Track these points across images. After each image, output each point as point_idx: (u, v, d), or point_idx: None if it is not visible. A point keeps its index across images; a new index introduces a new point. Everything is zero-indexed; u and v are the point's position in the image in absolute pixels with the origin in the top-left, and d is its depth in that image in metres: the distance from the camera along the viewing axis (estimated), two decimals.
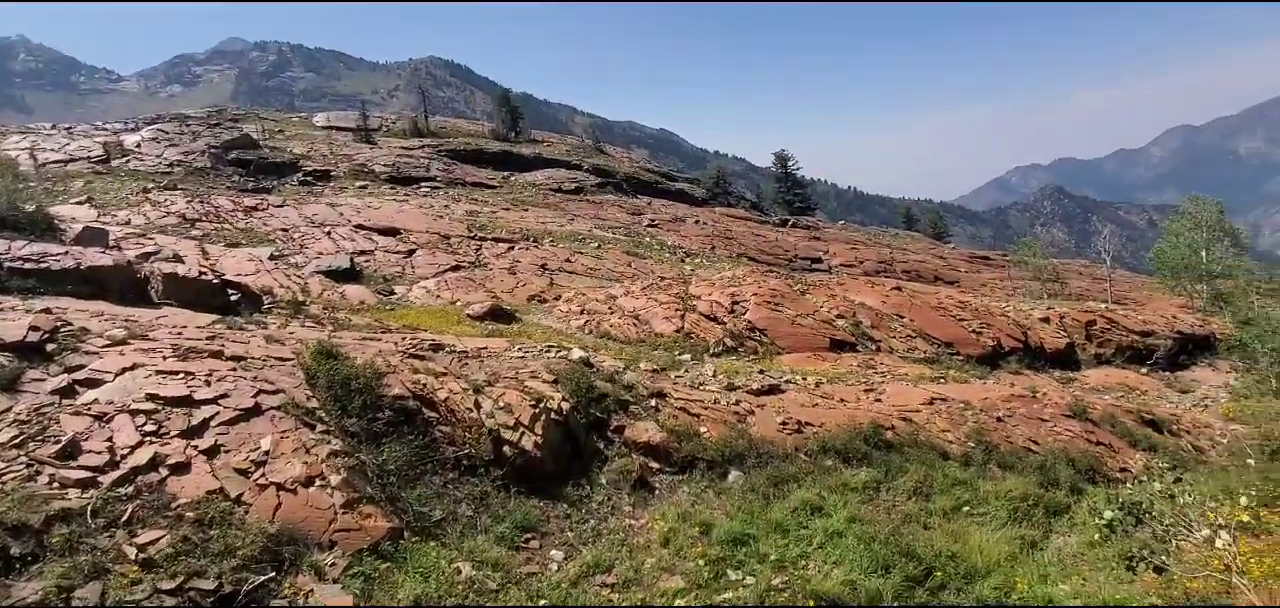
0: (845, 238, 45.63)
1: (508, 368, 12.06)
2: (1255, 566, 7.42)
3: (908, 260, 39.56)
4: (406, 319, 17.87)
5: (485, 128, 65.28)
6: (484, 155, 52.48)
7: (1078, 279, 41.13)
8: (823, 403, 12.82)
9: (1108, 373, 22.62)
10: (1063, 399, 15.84)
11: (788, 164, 61.24)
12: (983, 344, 20.44)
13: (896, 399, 13.71)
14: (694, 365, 15.02)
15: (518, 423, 9.89)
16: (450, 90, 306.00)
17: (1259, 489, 10.83)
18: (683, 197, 54.22)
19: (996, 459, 11.83)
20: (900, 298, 22.49)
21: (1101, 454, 13.44)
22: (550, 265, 27.28)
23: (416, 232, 29.54)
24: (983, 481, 10.95)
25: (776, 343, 18.29)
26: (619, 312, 19.98)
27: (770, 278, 23.30)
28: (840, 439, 11.25)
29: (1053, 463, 11.77)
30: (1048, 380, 19.48)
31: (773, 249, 37.33)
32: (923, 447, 11.80)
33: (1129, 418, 16.39)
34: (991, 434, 12.57)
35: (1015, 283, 37.41)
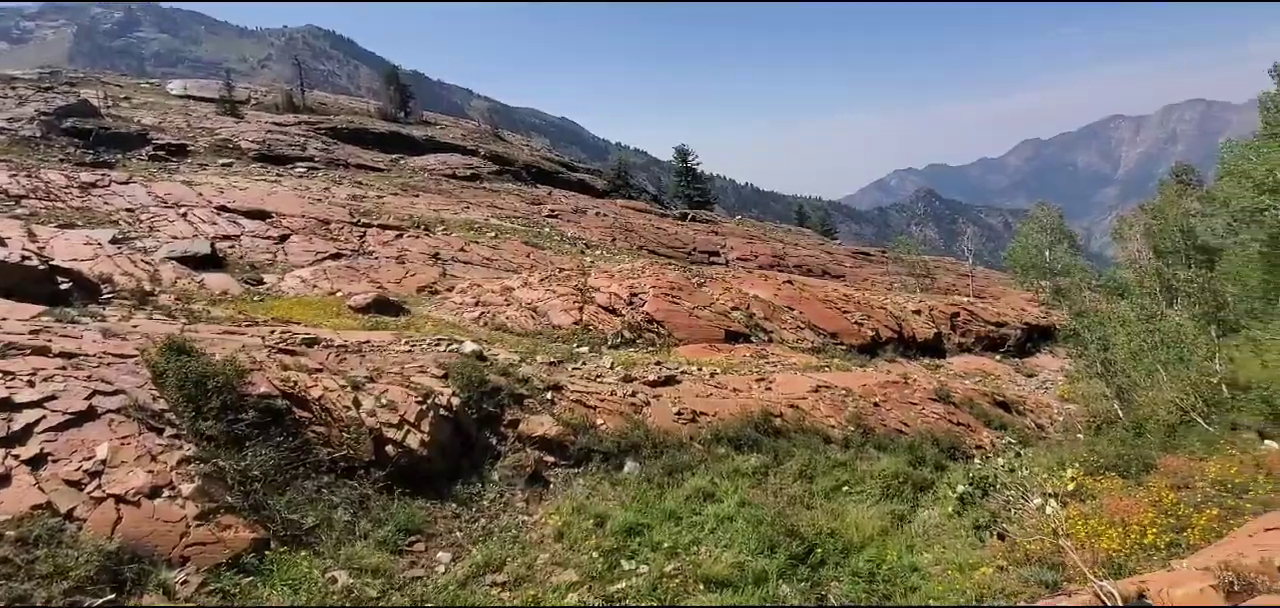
0: (742, 232, 47.58)
1: (393, 363, 11.48)
2: (1080, 527, 8.63)
3: (799, 255, 41.93)
4: (277, 311, 16.48)
5: (371, 106, 61.40)
6: (369, 136, 49.35)
7: (946, 275, 45.53)
8: (717, 393, 13.33)
9: (968, 360, 25.26)
10: (930, 385, 17.50)
11: (688, 159, 62.77)
12: (863, 335, 22.12)
13: (785, 388, 14.52)
14: (592, 358, 15.07)
15: (402, 421, 9.46)
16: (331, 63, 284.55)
17: (1085, 461, 12.57)
18: (584, 188, 54.03)
19: (873, 441, 12.88)
20: (791, 291, 23.82)
21: (961, 433, 15.02)
22: (443, 255, 26.22)
23: (290, 215, 27.27)
24: (861, 461, 11.89)
25: (674, 335, 18.76)
26: (516, 304, 19.60)
27: (669, 271, 23.83)
28: (733, 427, 11.76)
29: (920, 443, 13.00)
30: (918, 368, 21.44)
31: (672, 242, 38.18)
32: (808, 432, 12.61)
33: (985, 400, 18.42)
34: (869, 418, 13.66)
35: (893, 278, 40.77)
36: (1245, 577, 3.47)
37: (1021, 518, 7.48)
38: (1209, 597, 3.44)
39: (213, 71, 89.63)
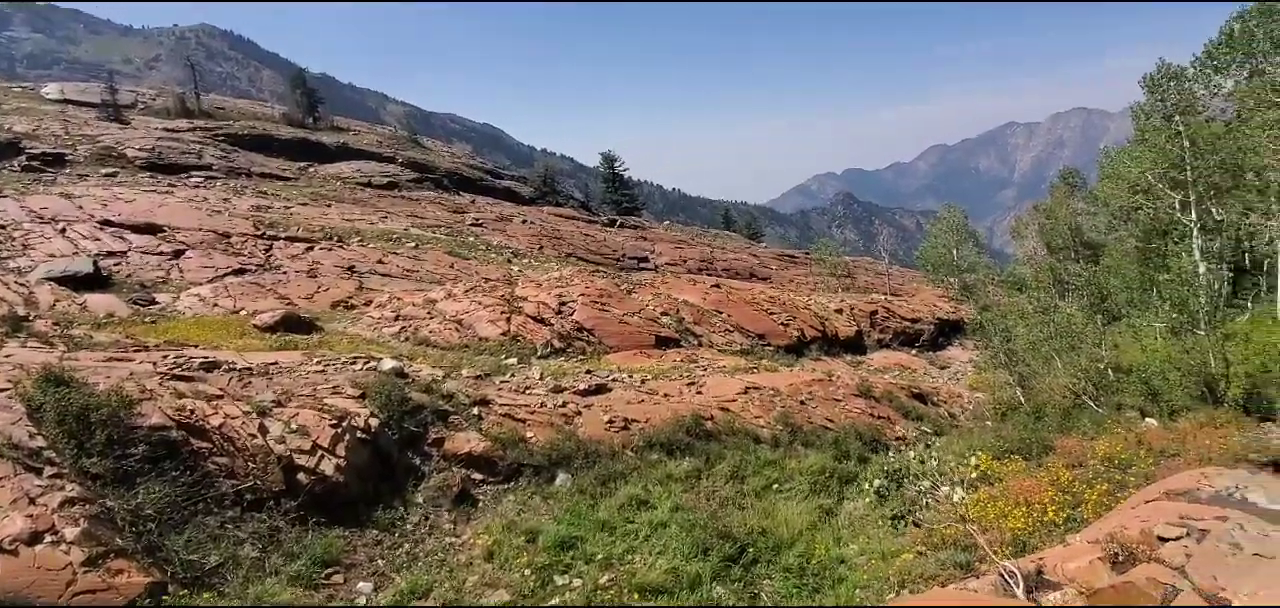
0: (670, 237, 48.22)
1: (304, 384, 10.85)
2: (989, 509, 9.23)
3: (726, 259, 42.94)
4: (173, 333, 15.23)
5: (276, 111, 58.04)
6: (275, 143, 46.64)
7: (865, 274, 47.88)
8: (648, 399, 13.40)
9: (888, 355, 26.62)
10: (853, 381, 18.30)
11: (615, 165, 63.04)
12: (790, 335, 22.88)
13: (716, 391, 14.79)
14: (521, 369, 14.80)
15: (315, 446, 8.94)
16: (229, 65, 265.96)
17: (992, 446, 13.48)
18: (510, 195, 53.19)
19: (801, 438, 13.32)
20: (719, 295, 24.33)
21: (882, 426, 15.77)
22: (359, 267, 25.08)
23: (186, 229, 25.33)
24: (789, 459, 12.27)
25: (604, 342, 18.73)
26: (439, 316, 19.00)
27: (598, 278, 23.81)
28: (665, 433, 11.85)
29: (845, 438, 13.55)
30: (842, 365, 22.39)
31: (601, 249, 38.19)
32: (739, 433, 12.88)
33: (903, 393, 19.43)
34: (796, 416, 14.11)
35: (816, 279, 42.47)
36: (1128, 548, 3.81)
37: (934, 506, 7.91)
38: (1097, 569, 3.76)
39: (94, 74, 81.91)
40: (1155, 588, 3.43)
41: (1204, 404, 14.30)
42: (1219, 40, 19.71)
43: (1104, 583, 3.63)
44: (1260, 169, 16.53)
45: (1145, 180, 21.20)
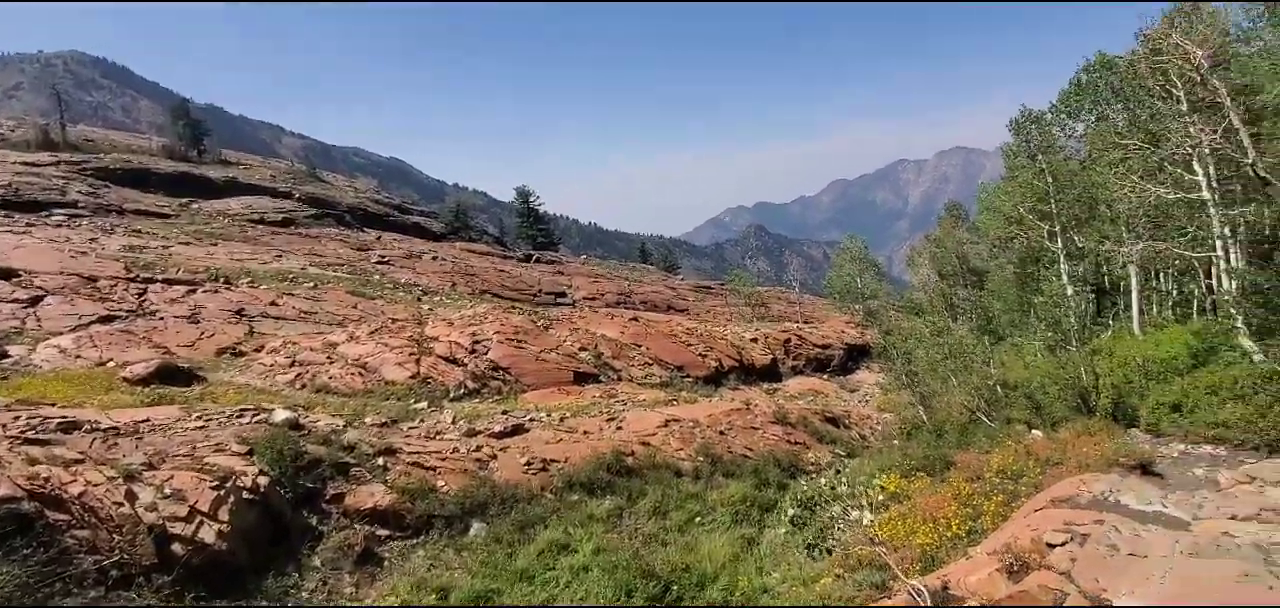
0: (588, 272, 48.22)
1: (181, 443, 9.81)
2: (900, 527, 9.63)
3: (644, 292, 43.40)
4: (27, 391, 13.38)
5: (155, 144, 53.61)
6: (153, 177, 42.95)
7: (778, 304, 49.81)
8: (567, 438, 13.14)
9: (802, 381, 27.62)
10: (770, 409, 18.79)
11: (530, 199, 62.64)
12: (708, 365, 23.27)
13: (636, 425, 14.73)
14: (431, 413, 14.12)
15: (194, 512, 8.06)
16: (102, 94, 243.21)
17: (900, 465, 14.16)
18: (419, 231, 51.48)
19: (721, 469, 13.46)
20: (637, 328, 24.45)
21: (799, 451, 16.25)
22: (249, 311, 23.26)
23: (45, 273, 22.63)
24: (711, 491, 12.34)
25: (521, 380, 18.27)
26: (341, 361, 17.88)
27: (514, 314, 23.31)
28: (585, 472, 11.62)
29: (764, 466, 13.82)
30: (759, 393, 22.97)
31: (517, 285, 37.57)
32: (660, 468, 12.84)
33: (817, 418, 20.15)
34: (717, 447, 14.28)
35: (732, 309, 43.72)
36: (1021, 557, 4.05)
37: (846, 529, 8.17)
38: (996, 580, 3.97)
39: None
40: (1047, 595, 3.65)
41: (1080, 415, 15.73)
42: (1070, 89, 22.36)
43: (1002, 593, 3.83)
44: (1110, 202, 18.68)
45: (1017, 212, 23.46)
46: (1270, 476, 7.78)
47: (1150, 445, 11.34)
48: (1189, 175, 14.63)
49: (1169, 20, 15.62)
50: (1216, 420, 11.65)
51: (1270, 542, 5.23)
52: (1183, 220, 16.23)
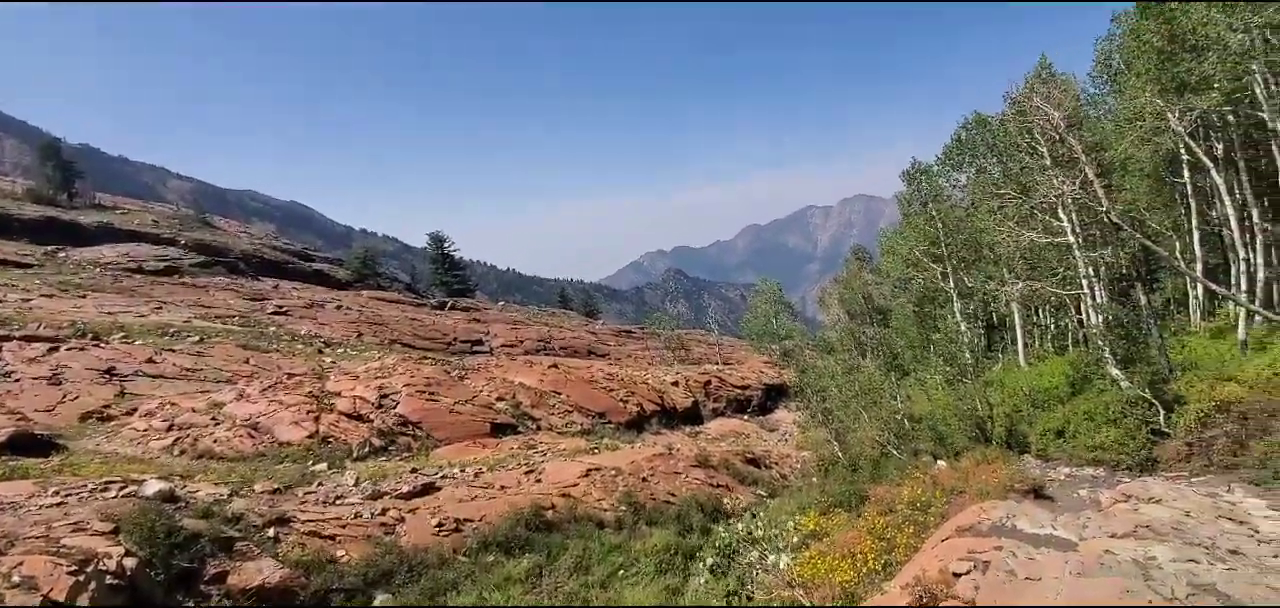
0: (506, 318, 47.23)
1: (33, 523, 8.60)
2: (820, 566, 9.79)
3: (564, 338, 42.94)
4: None
5: (18, 187, 48.26)
6: (14, 223, 38.64)
7: (698, 346, 50.63)
8: (483, 494, 12.57)
9: (723, 423, 28.02)
10: (692, 452, 18.88)
11: (444, 245, 60.94)
12: (629, 411, 23.17)
13: (556, 477, 14.34)
14: (332, 476, 13.14)
15: (47, 602, 7.03)
16: None
17: (818, 502, 14.52)
18: (322, 279, 48.77)
19: (645, 517, 13.29)
20: (557, 375, 24.06)
21: (722, 494, 16.35)
22: (121, 369, 21.00)
23: None
24: (634, 541, 12.12)
25: (433, 435, 17.41)
26: (228, 421, 16.40)
27: (426, 365, 22.34)
28: (502, 530, 11.12)
29: (687, 511, 13.78)
30: (681, 436, 23.08)
31: (430, 334, 36.16)
32: (582, 520, 12.51)
33: (738, 459, 20.43)
34: (639, 494, 14.11)
35: (653, 353, 44.01)
36: (930, 589, 4.19)
37: (765, 573, 8.23)
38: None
39: None
40: None
41: (978, 443, 16.80)
42: (952, 144, 24.60)
43: None
44: (992, 245, 20.50)
45: (913, 255, 25.26)
46: (1142, 494, 8.56)
47: (1041, 470, 12.23)
48: (1056, 222, 16.28)
49: (1031, 85, 17.57)
50: (1095, 444, 12.79)
51: (1146, 557, 5.72)
52: (1054, 262, 17.99)
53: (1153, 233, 19.19)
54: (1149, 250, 16.10)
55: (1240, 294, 15.84)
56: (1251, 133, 16.73)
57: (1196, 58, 14.47)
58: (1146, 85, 16.09)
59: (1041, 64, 18.81)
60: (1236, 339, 14.97)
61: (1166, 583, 4.92)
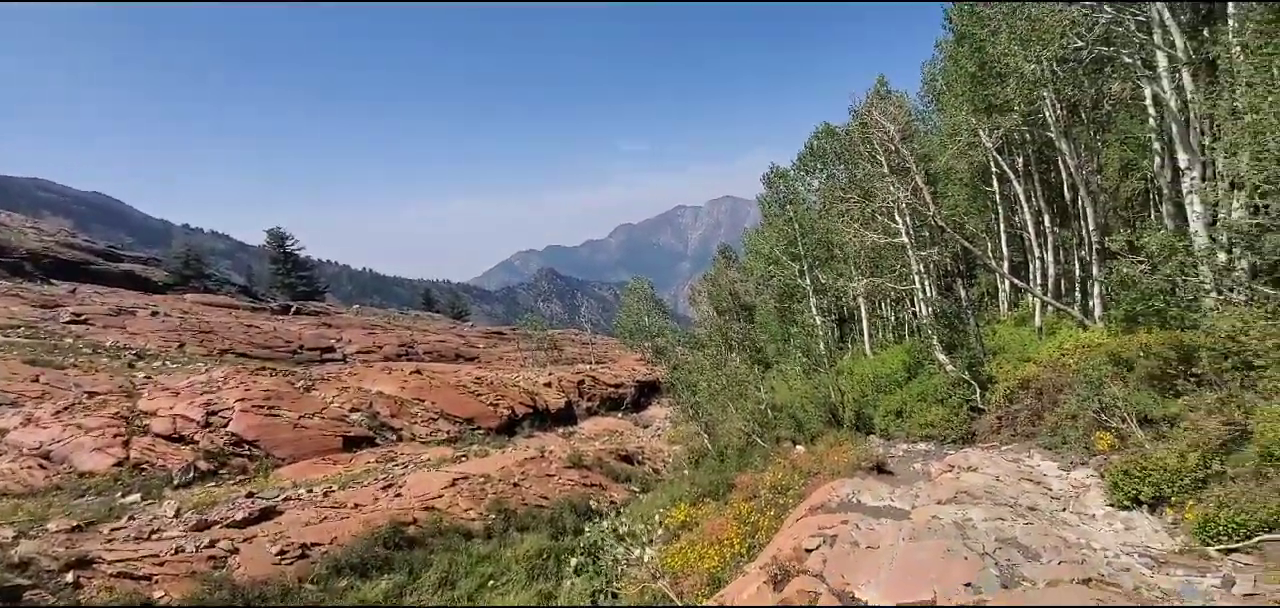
0: (362, 322, 44.11)
1: None
2: (690, 554, 10.13)
3: (430, 342, 40.94)
4: None
5: None
6: None
7: (571, 346, 50.53)
8: (334, 514, 11.62)
9: (597, 422, 28.20)
10: (565, 453, 18.79)
11: (286, 243, 55.54)
12: (500, 415, 22.58)
13: (418, 489, 13.61)
14: (147, 507, 11.49)
15: None
16: None
17: (689, 494, 15.04)
18: (134, 281, 42.64)
19: (516, 523, 13.00)
20: (420, 381, 22.87)
21: (596, 493, 16.42)
22: None
23: None
24: (505, 549, 11.82)
25: (274, 454, 15.81)
26: (12, 452, 13.83)
27: (264, 377, 20.26)
28: (357, 551, 10.35)
29: (561, 513, 13.69)
30: (554, 438, 22.90)
31: (270, 342, 32.83)
32: (448, 532, 11.98)
33: (613, 458, 20.65)
34: (510, 501, 13.79)
35: (526, 354, 43.27)
36: (784, 566, 4.48)
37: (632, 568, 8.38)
38: (764, 593, 4.32)
39: None
40: (804, 597, 4.07)
41: (832, 427, 18.32)
42: (805, 151, 26.63)
43: (768, 603, 4.19)
44: (841, 245, 22.46)
45: (774, 254, 27.00)
46: (963, 463, 9.78)
47: (883, 448, 13.55)
48: (893, 224, 18.14)
49: (871, 101, 19.47)
50: (926, 421, 14.43)
51: (964, 519, 6.53)
52: (892, 260, 20.05)
53: (970, 235, 22.04)
54: (967, 250, 18.44)
55: (1036, 287, 18.61)
56: (1044, 150, 19.72)
57: (1001, 83, 16.78)
58: (962, 105, 18.40)
59: (879, 82, 20.87)
60: (1034, 326, 17.57)
61: (979, 540, 5.66)
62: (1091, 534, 6.03)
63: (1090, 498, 7.30)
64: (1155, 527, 6.16)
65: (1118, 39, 11.98)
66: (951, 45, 20.49)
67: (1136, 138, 15.67)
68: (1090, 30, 12.09)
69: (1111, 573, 4.84)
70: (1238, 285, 8.82)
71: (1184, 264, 9.72)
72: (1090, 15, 11.95)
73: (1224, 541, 5.34)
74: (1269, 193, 8.61)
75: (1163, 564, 5.16)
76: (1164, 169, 12.32)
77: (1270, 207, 8.49)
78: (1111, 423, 8.76)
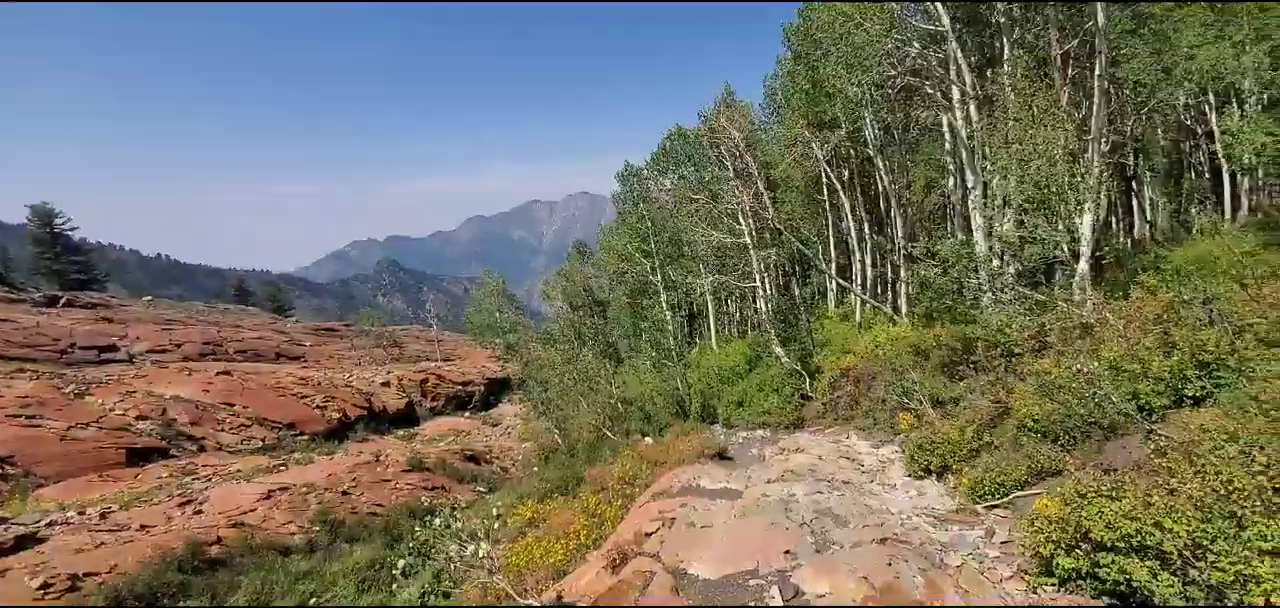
0: (155, 317, 38.39)
1: None
2: (535, 550, 10.08)
3: (244, 339, 36.65)
4: None
5: None
6: None
7: (415, 343, 47.91)
8: (113, 539, 10.03)
9: (441, 422, 27.05)
10: (404, 456, 17.83)
11: (54, 222, 46.75)
12: (329, 418, 20.84)
13: (225, 504, 12.18)
14: None
15: None
16: None
17: (537, 490, 14.96)
18: None
19: (345, 535, 12.11)
20: (230, 383, 20.43)
21: (439, 496, 15.77)
22: None
23: None
24: (331, 563, 10.97)
25: (35, 472, 13.29)
26: None
27: (22, 380, 16.95)
28: (143, 579, 9.02)
29: (398, 520, 12.97)
30: (392, 441, 21.61)
31: (33, 339, 27.47)
32: (261, 550, 10.87)
33: (458, 459, 19.95)
34: (338, 510, 12.81)
35: (361, 352, 40.32)
36: (623, 550, 4.64)
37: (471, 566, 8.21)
38: (602, 577, 4.46)
39: None
40: (640, 577, 4.26)
41: (679, 418, 19.20)
42: (658, 151, 27.63)
43: (606, 586, 4.33)
44: (691, 243, 23.62)
45: (627, 250, 27.69)
46: (792, 446, 10.73)
47: (725, 436, 14.47)
48: (738, 226, 19.41)
49: (718, 108, 20.69)
50: (763, 409, 15.64)
51: (789, 496, 7.19)
52: (736, 259, 21.45)
53: (804, 238, 24.19)
54: (802, 252, 20.25)
55: (857, 287, 20.88)
56: (865, 164, 22.18)
57: (830, 101, 18.62)
58: (798, 119, 20.15)
59: (726, 91, 22.20)
60: (856, 321, 19.72)
61: (800, 513, 6.28)
62: (891, 501, 6.94)
63: (893, 471, 8.38)
64: (941, 491, 7.23)
65: (923, 72, 13.84)
66: (789, 63, 22.34)
67: (937, 159, 18.15)
68: (902, 63, 13.86)
69: (903, 532, 5.61)
70: (1006, 287, 10.59)
71: (968, 268, 11.47)
72: (901, 48, 13.68)
73: (989, 499, 6.41)
74: (1029, 210, 10.46)
75: (943, 522, 6.08)
76: (957, 187, 14.44)
77: (1028, 223, 10.28)
78: (912, 405, 10.11)
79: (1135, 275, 10.03)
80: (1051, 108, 10.01)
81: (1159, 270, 10.57)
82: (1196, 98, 16.64)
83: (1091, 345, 7.23)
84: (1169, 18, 11.46)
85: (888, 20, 13.31)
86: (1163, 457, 4.72)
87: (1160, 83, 13.17)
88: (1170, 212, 18.66)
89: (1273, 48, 8.75)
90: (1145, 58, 12.46)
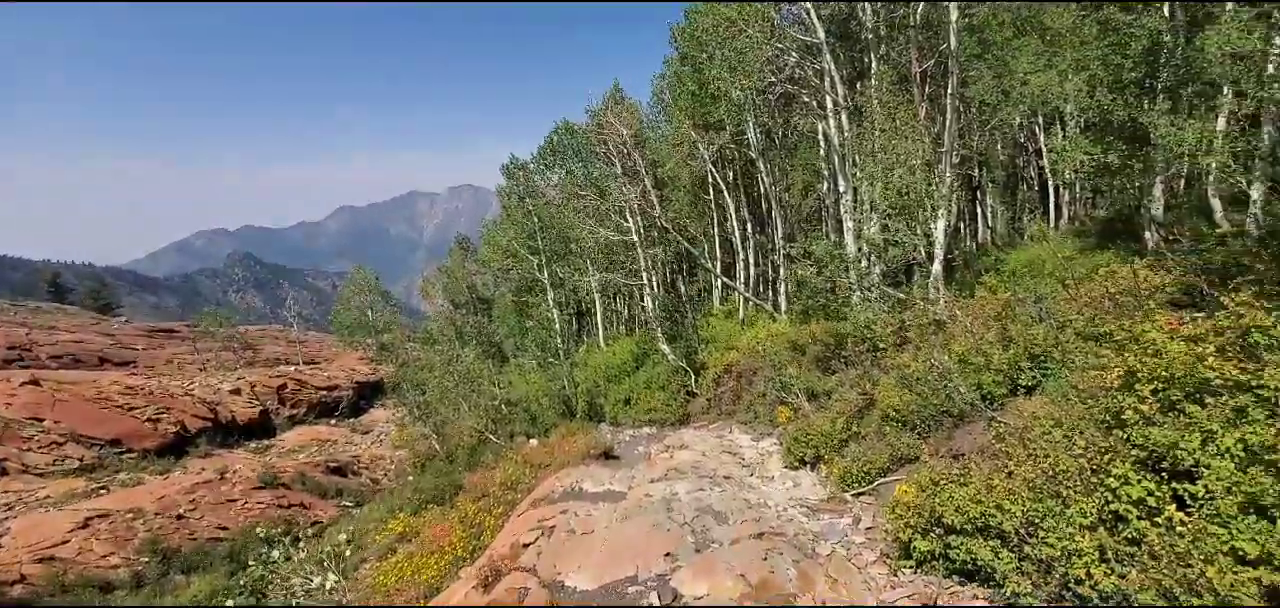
0: None
1: None
2: (406, 567, 9.54)
3: (58, 342, 31.93)
4: None
5: None
6: None
7: (273, 344, 44.06)
8: None
9: (302, 431, 25.03)
10: (255, 472, 16.29)
11: None
12: (163, 432, 18.60)
13: (31, 535, 10.49)
14: None
15: None
16: None
17: (411, 502, 14.21)
18: None
19: (179, 564, 10.84)
20: (39, 395, 17.68)
21: (296, 515, 14.55)
22: None
23: None
24: (162, 597, 9.78)
25: None
26: None
27: None
28: None
29: (245, 544, 11.80)
30: (241, 455, 19.68)
31: None
32: (76, 587, 9.46)
33: (319, 472, 18.53)
34: (172, 538, 11.44)
35: (206, 355, 36.46)
36: (496, 565, 4.45)
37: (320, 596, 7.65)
38: (473, 596, 4.24)
39: None
40: (513, 595, 4.10)
41: (565, 419, 19.01)
42: (545, 146, 27.24)
43: (477, 606, 4.12)
44: (578, 240, 23.49)
45: (513, 246, 27.06)
46: (677, 443, 10.91)
47: (611, 435, 14.48)
48: (625, 223, 19.52)
49: (607, 104, 20.71)
50: (650, 407, 15.83)
51: (671, 494, 7.28)
52: (624, 257, 21.57)
53: (691, 237, 24.80)
54: (688, 250, 20.73)
55: (741, 285, 21.72)
56: (748, 166, 23.10)
57: (716, 104, 19.21)
58: (685, 119, 20.60)
59: (614, 88, 22.25)
60: (739, 318, 20.48)
61: (682, 511, 6.37)
62: (769, 494, 7.22)
63: (772, 463, 8.75)
64: (814, 481, 7.63)
65: (801, 81, 14.62)
66: (676, 63, 22.77)
67: (814, 164, 19.24)
68: (781, 71, 14.55)
69: (779, 524, 5.85)
70: (872, 286, 11.40)
71: (840, 268, 12.24)
72: (781, 57, 14.36)
73: (856, 487, 6.84)
74: (892, 215, 11.34)
75: (815, 511, 6.41)
76: (831, 191, 15.39)
77: (891, 227, 11.14)
78: (789, 399, 10.61)
79: (980, 276, 11.15)
80: (912, 121, 10.90)
81: (999, 272, 11.84)
82: (1029, 118, 18.86)
83: (944, 340, 7.92)
84: (1008, 46, 12.90)
85: (768, 28, 13.92)
86: (1002, 442, 5.24)
87: (1001, 103, 14.77)
88: (1007, 219, 21.04)
89: (1090, 76, 10.13)
90: (989, 80, 13.91)
